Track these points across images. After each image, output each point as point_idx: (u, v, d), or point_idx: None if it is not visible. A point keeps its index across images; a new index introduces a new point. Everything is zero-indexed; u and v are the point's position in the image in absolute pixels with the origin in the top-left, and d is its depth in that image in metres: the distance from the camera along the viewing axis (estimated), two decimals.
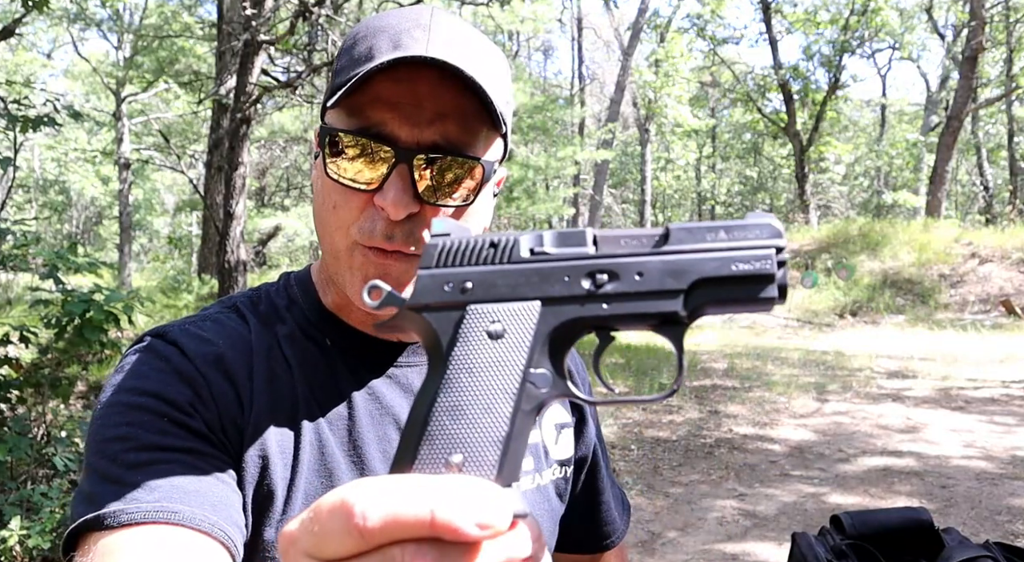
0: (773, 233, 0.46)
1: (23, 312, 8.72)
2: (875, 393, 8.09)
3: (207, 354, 0.83)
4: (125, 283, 18.20)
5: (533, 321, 0.46)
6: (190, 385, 0.80)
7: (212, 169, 12.14)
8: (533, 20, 19.16)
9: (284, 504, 0.82)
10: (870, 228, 18.17)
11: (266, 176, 28.53)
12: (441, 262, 0.48)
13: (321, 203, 0.85)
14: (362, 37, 0.83)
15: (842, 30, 24.46)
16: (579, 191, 26.19)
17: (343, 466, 0.85)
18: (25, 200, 31.34)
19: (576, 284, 0.46)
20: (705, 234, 0.46)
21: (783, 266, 0.45)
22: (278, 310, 0.92)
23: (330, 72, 0.95)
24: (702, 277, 0.45)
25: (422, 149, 0.79)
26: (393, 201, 0.78)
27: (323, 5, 7.20)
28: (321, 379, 0.88)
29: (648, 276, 0.46)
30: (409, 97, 0.79)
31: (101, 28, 22.72)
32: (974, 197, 34.92)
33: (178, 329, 0.86)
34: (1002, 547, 1.82)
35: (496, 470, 0.42)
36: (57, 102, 5.46)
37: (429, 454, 0.42)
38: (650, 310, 0.46)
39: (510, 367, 0.44)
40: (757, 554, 4.14)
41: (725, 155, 36.32)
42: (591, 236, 0.48)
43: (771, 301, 0.45)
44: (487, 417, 0.43)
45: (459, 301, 0.47)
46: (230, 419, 0.81)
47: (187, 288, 14.86)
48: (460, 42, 0.81)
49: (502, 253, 0.47)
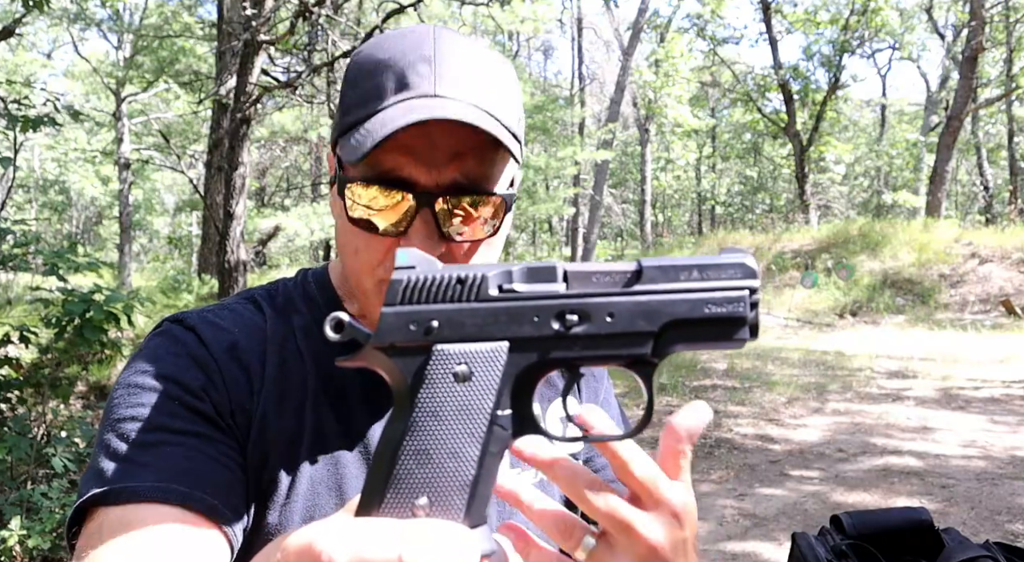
0: (747, 273, 0.45)
1: (23, 312, 8.71)
2: (875, 393, 8.08)
3: (222, 341, 0.86)
4: (125, 283, 18.19)
5: (501, 363, 0.44)
6: (203, 370, 0.83)
7: (212, 169, 12.14)
8: (533, 20, 19.14)
9: (288, 490, 0.84)
10: (870, 228, 18.17)
11: (266, 176, 28.52)
12: (406, 299, 0.46)
13: (344, 243, 0.86)
14: (367, 72, 0.82)
15: (842, 30, 24.46)
16: (579, 191, 26.17)
17: (348, 456, 0.87)
18: (25, 200, 31.34)
19: (546, 324, 0.45)
20: (678, 273, 0.45)
21: (756, 307, 0.45)
22: (295, 303, 0.94)
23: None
24: (674, 319, 0.45)
25: (442, 190, 0.79)
26: (420, 247, 0.78)
27: (323, 5, 7.20)
28: (332, 372, 0.90)
29: (619, 317, 0.45)
30: (423, 140, 0.78)
31: (101, 28, 22.72)
32: (974, 197, 34.92)
33: (196, 316, 0.89)
34: (1002, 547, 1.82)
35: (463, 513, 0.42)
36: (57, 102, 5.46)
37: (395, 498, 0.42)
38: (620, 352, 0.45)
39: (477, 411, 0.43)
40: (757, 554, 4.14)
41: (725, 155, 36.29)
42: (561, 272, 0.46)
43: (742, 342, 0.45)
44: (454, 461, 0.42)
45: (425, 342, 0.45)
46: (240, 405, 0.84)
47: (187, 288, 14.86)
48: (468, 72, 0.80)
49: (469, 290, 0.45)
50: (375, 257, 0.83)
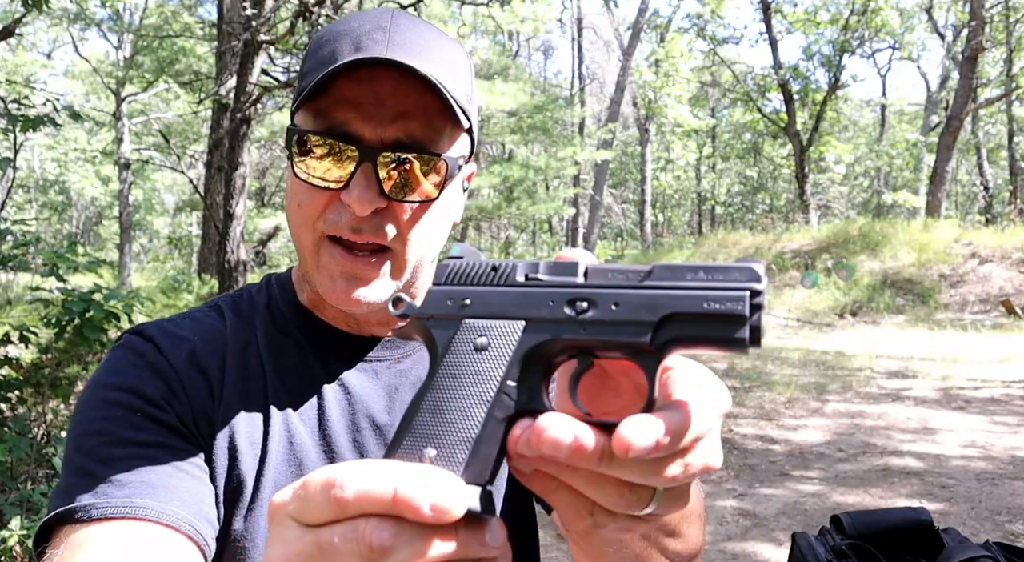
0: (752, 277, 0.47)
1: (23, 312, 8.72)
2: (875, 393, 8.09)
3: (181, 349, 0.87)
4: (125, 283, 18.20)
5: (515, 338, 0.49)
6: (164, 380, 0.84)
7: (212, 169, 12.15)
8: (533, 20, 19.16)
9: (253, 494, 0.85)
10: (870, 228, 18.17)
11: (266, 176, 28.51)
12: (449, 280, 0.54)
13: (289, 202, 0.88)
14: (326, 41, 0.86)
15: (842, 30, 24.46)
16: (579, 191, 26.18)
17: (313, 455, 0.88)
18: (25, 200, 31.35)
19: (559, 309, 0.49)
20: (686, 273, 0.48)
21: (757, 310, 0.46)
22: (257, 308, 0.96)
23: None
24: (673, 312, 0.47)
25: (386, 147, 0.82)
26: (358, 198, 0.81)
27: (323, 5, 7.20)
28: (294, 373, 0.91)
29: (623, 307, 0.48)
30: (370, 97, 0.81)
31: (101, 28, 22.73)
32: (974, 197, 34.92)
33: (155, 327, 0.90)
34: (1002, 547, 1.82)
35: (463, 467, 0.46)
36: (57, 102, 5.46)
37: (409, 446, 0.48)
38: (621, 338, 0.48)
39: (488, 378, 0.49)
40: (757, 554, 4.14)
41: (725, 155, 36.29)
42: (583, 268, 0.51)
43: (742, 343, 0.45)
44: (462, 419, 0.48)
45: (457, 316, 0.52)
46: (201, 412, 0.85)
47: (187, 288, 14.87)
48: (419, 42, 0.84)
49: (500, 276, 0.52)
50: (315, 210, 0.84)
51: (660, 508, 0.50)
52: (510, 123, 23.05)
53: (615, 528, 0.51)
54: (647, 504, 0.49)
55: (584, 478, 0.47)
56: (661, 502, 0.49)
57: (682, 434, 0.45)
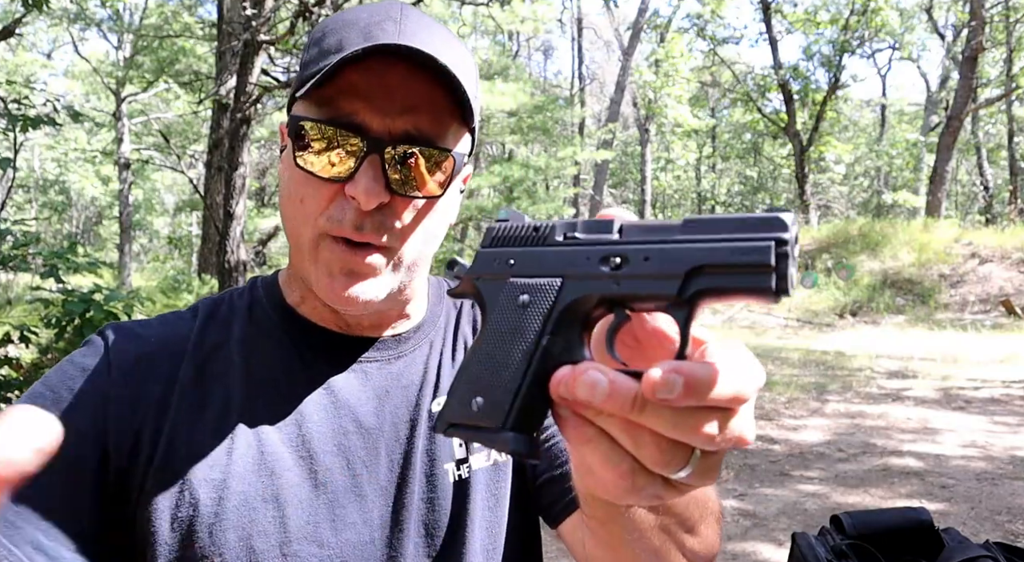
0: (780, 226, 0.47)
1: (23, 312, 8.72)
2: (875, 393, 8.09)
3: (130, 353, 0.84)
4: (125, 283, 18.20)
5: (553, 294, 0.53)
6: (92, 384, 0.81)
7: (212, 169, 12.14)
8: (533, 20, 19.17)
9: (217, 507, 0.79)
10: (870, 228, 18.17)
11: (266, 176, 28.52)
12: (495, 242, 0.57)
13: (288, 196, 0.84)
14: (331, 30, 0.83)
15: (842, 30, 24.45)
16: (579, 191, 26.19)
17: (288, 463, 0.83)
18: (25, 200, 31.35)
19: (594, 265, 0.52)
20: (716, 226, 0.49)
21: (784, 259, 0.46)
22: (236, 311, 0.92)
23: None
24: (701, 264, 0.48)
25: (393, 140, 0.79)
26: (365, 190, 0.78)
27: (323, 5, 7.20)
28: (270, 377, 0.87)
29: (653, 261, 0.50)
30: (380, 88, 0.78)
31: (101, 28, 22.74)
32: (974, 197, 34.92)
33: (116, 327, 0.88)
34: (1002, 547, 1.82)
35: (505, 412, 0.51)
36: (57, 102, 5.46)
37: (462, 393, 0.53)
38: (652, 291, 0.49)
39: (529, 332, 0.52)
40: (757, 554, 4.14)
41: (725, 155, 36.29)
42: (618, 225, 0.53)
43: (768, 292, 0.46)
44: (506, 370, 0.52)
45: (502, 275, 0.56)
46: (138, 418, 0.81)
47: (187, 288, 14.87)
48: (430, 35, 0.81)
49: (540, 237, 0.55)
50: (320, 204, 0.81)
51: (693, 477, 0.49)
52: (510, 123, 23.04)
53: (649, 494, 0.50)
54: (684, 465, 0.49)
55: (621, 426, 0.48)
56: (696, 468, 0.49)
57: (711, 384, 0.45)
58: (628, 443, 0.48)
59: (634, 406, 0.46)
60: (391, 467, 0.87)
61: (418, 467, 0.88)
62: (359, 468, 0.86)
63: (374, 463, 0.86)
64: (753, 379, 0.48)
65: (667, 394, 0.43)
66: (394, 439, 0.88)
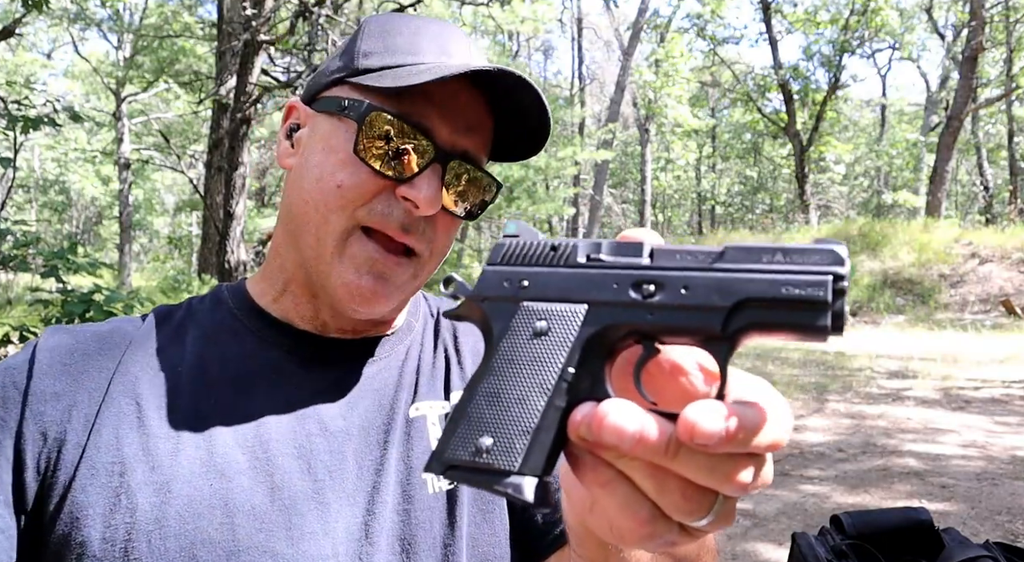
0: (835, 260, 0.43)
1: (23, 312, 8.72)
2: (875, 393, 8.09)
3: (56, 354, 0.80)
4: (125, 283, 18.20)
5: (577, 323, 0.47)
6: (14, 387, 0.77)
7: (212, 169, 12.13)
8: (533, 20, 19.15)
9: (158, 512, 0.72)
10: (870, 228, 18.17)
11: (266, 176, 28.52)
12: (506, 260, 0.51)
13: (316, 179, 0.80)
14: (395, 30, 0.83)
15: (842, 30, 24.45)
16: (579, 191, 26.18)
17: (242, 465, 0.76)
18: (25, 200, 31.34)
19: (623, 292, 0.46)
20: (761, 255, 0.45)
21: (841, 296, 0.42)
22: (195, 313, 0.89)
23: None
24: (748, 297, 0.44)
25: (456, 154, 0.80)
26: (427, 197, 0.77)
27: (323, 5, 7.20)
28: (228, 375, 0.82)
29: (693, 291, 0.45)
30: (453, 102, 0.79)
31: (101, 28, 22.73)
32: (974, 197, 34.91)
33: (62, 328, 0.84)
34: (1002, 547, 1.82)
35: (521, 457, 0.45)
36: (57, 103, 5.46)
37: (465, 433, 0.47)
38: (691, 324, 0.45)
39: (549, 364, 0.46)
40: (757, 554, 4.14)
41: (725, 155, 36.30)
42: (648, 248, 0.48)
43: (823, 331, 0.42)
44: (519, 407, 0.46)
45: (514, 298, 0.50)
46: (55, 422, 0.76)
47: (187, 288, 14.85)
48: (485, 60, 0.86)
49: (560, 257, 0.50)
50: (364, 194, 0.78)
51: (710, 523, 0.45)
52: None
53: (664, 541, 0.46)
54: (707, 513, 0.44)
55: (647, 471, 0.43)
56: (717, 515, 0.45)
57: (756, 430, 0.41)
58: (651, 489, 0.44)
59: (666, 452, 0.42)
60: (360, 474, 0.80)
61: (391, 475, 0.80)
62: (321, 473, 0.78)
63: (339, 469, 0.79)
64: (790, 423, 0.44)
65: (707, 440, 0.40)
66: (363, 444, 0.81)
